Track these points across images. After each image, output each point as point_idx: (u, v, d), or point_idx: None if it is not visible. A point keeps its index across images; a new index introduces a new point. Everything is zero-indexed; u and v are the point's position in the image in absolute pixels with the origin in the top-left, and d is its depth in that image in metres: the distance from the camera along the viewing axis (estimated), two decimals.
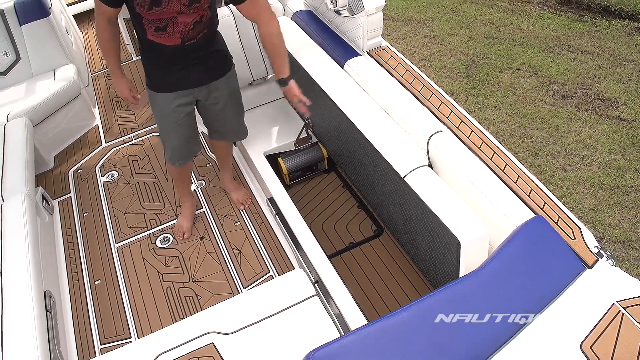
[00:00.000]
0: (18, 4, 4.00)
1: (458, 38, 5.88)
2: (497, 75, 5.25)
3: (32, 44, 4.09)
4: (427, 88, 2.59)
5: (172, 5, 2.23)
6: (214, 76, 2.64)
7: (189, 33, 2.37)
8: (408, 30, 6.05)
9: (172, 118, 2.70)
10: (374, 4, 2.62)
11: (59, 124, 4.01)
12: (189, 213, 3.22)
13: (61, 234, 3.38)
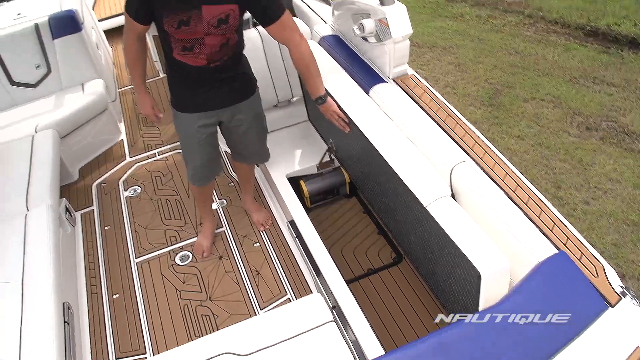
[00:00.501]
0: (52, 18, 4.10)
1: (483, 66, 5.89)
2: (521, 105, 5.23)
3: (63, 58, 4.18)
4: (452, 118, 2.59)
5: (200, 26, 2.26)
6: (238, 98, 2.66)
7: (215, 55, 2.40)
8: (433, 57, 6.07)
9: (195, 138, 2.72)
10: (401, 32, 2.63)
11: (85, 137, 4.07)
12: (209, 232, 3.24)
13: (82, 246, 3.41)
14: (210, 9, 2.23)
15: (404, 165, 2.36)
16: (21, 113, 4.07)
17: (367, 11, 2.73)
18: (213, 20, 2.25)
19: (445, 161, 2.35)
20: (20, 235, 2.86)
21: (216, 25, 2.28)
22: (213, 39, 2.33)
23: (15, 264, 2.70)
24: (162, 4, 2.22)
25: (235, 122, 2.74)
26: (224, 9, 2.25)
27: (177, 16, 2.22)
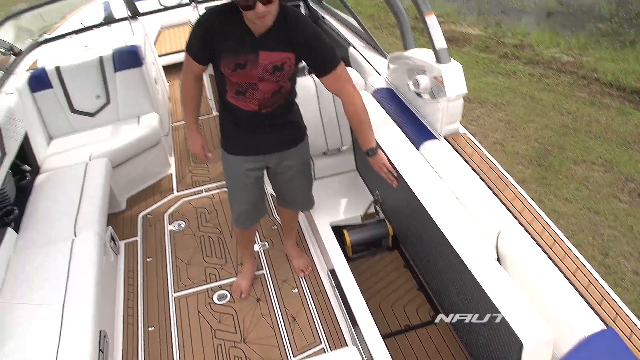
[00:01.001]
0: (117, 52, 4.27)
1: (533, 125, 5.83)
2: (570, 167, 5.14)
3: (122, 90, 4.33)
4: (502, 180, 2.56)
5: (256, 71, 2.30)
6: (286, 145, 2.69)
7: (267, 101, 2.43)
8: (483, 112, 6.05)
9: (241, 181, 2.76)
10: (456, 91, 2.64)
11: (136, 168, 4.17)
12: (249, 274, 3.25)
13: (123, 275, 3.46)
14: (267, 55, 2.28)
15: (451, 224, 2.34)
16: (78, 140, 4.21)
17: (422, 67, 2.75)
18: (268, 66, 2.30)
19: (492, 224, 2.31)
20: (66, 260, 2.93)
21: (271, 72, 2.32)
22: (266, 85, 2.37)
23: (58, 288, 2.75)
24: (221, 46, 2.28)
25: (282, 168, 2.77)
26: (280, 56, 2.30)
27: (234, 59, 2.28)
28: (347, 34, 4.08)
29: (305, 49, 2.32)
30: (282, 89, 2.43)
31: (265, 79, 2.34)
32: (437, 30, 2.64)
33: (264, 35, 2.26)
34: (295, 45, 2.29)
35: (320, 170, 3.54)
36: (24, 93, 4.04)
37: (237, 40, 2.26)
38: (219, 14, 2.31)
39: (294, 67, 2.38)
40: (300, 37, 2.29)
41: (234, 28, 2.25)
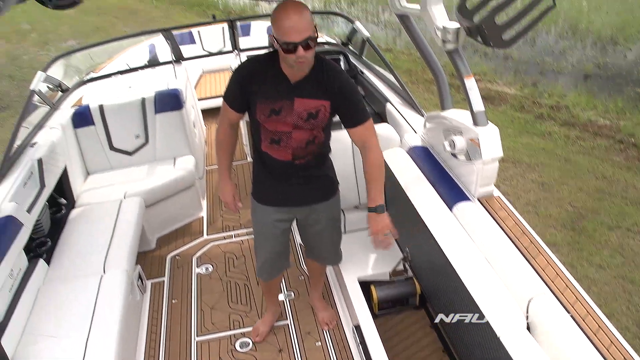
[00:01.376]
0: (159, 94, 4.39)
1: (567, 188, 5.76)
2: (605, 232, 5.03)
3: (161, 132, 4.42)
4: (535, 246, 2.53)
5: (290, 117, 2.34)
6: (318, 199, 2.69)
7: (300, 151, 2.45)
8: (517, 173, 6.01)
9: (269, 232, 2.77)
10: (491, 154, 2.64)
11: (169, 209, 4.23)
12: (270, 320, 3.24)
13: (147, 315, 3.47)
14: (303, 102, 2.32)
15: (481, 288, 2.30)
16: (114, 177, 4.30)
17: (459, 129, 2.77)
18: (303, 113, 2.33)
19: (523, 290, 2.27)
20: (93, 295, 2.96)
21: (305, 119, 2.35)
22: (300, 134, 2.39)
23: (83, 323, 2.78)
24: (257, 92, 2.33)
25: (311, 221, 2.77)
26: (316, 104, 2.34)
27: (270, 104, 2.32)
28: (385, 90, 4.13)
29: (340, 98, 2.36)
30: (316, 139, 2.45)
31: (299, 126, 2.37)
32: (476, 92, 2.66)
33: (300, 82, 2.31)
34: (331, 93, 2.34)
35: (351, 224, 3.53)
36: (67, 128, 4.16)
37: (273, 87, 2.31)
38: (256, 62, 2.38)
39: (329, 116, 2.40)
40: (336, 87, 2.34)
41: (271, 75, 2.31)
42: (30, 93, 3.99)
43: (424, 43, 3.12)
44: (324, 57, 2.38)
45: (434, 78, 3.18)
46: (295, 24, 2.08)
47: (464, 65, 2.68)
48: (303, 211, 2.72)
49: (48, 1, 2.05)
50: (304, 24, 2.09)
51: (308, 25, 2.11)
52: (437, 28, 2.64)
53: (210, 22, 5.93)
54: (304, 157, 2.48)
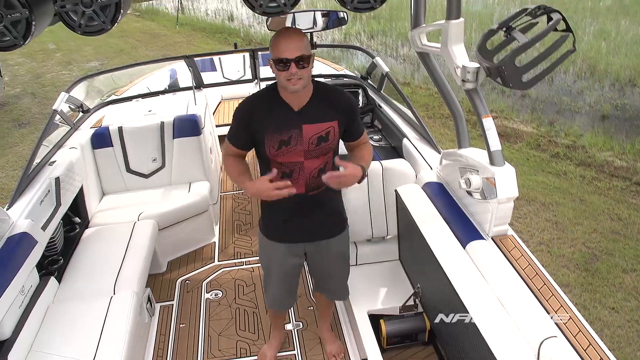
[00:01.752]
0: (178, 119, 4.44)
1: (581, 228, 5.71)
2: (619, 275, 4.97)
3: (178, 156, 4.47)
4: (548, 288, 2.51)
5: (301, 145, 2.35)
6: (328, 234, 2.70)
7: (314, 181, 2.45)
8: (530, 211, 5.98)
9: (279, 268, 2.78)
10: (507, 194, 2.63)
11: (181, 233, 4.25)
12: (276, 344, 3.25)
13: (154, 338, 3.47)
14: (311, 128, 2.34)
15: (492, 329, 2.28)
16: (129, 199, 4.34)
17: (475, 167, 2.77)
18: (314, 138, 2.35)
19: (535, 333, 2.25)
20: (102, 316, 2.97)
21: (316, 144, 2.36)
22: (312, 163, 2.41)
23: (90, 343, 2.79)
24: (264, 127, 2.34)
25: (321, 256, 2.78)
26: (324, 126, 2.36)
27: (278, 136, 2.33)
28: (402, 125, 4.16)
29: (347, 116, 2.42)
30: (327, 165, 2.46)
31: (311, 153, 2.38)
32: (494, 132, 2.67)
33: (304, 108, 2.34)
34: (339, 112, 2.39)
35: (363, 257, 3.53)
36: (85, 148, 4.22)
37: (278, 118, 2.33)
38: (256, 97, 2.42)
39: (338, 136, 2.44)
40: (344, 105, 2.40)
41: (274, 107, 2.33)
42: (52, 112, 4.06)
43: (443, 80, 3.15)
44: (318, 81, 2.43)
45: (452, 116, 3.20)
46: (289, 41, 2.15)
47: (482, 105, 2.70)
48: (312, 246, 2.72)
49: (77, 27, 2.09)
50: (299, 43, 2.16)
51: (303, 45, 2.17)
52: (456, 67, 2.67)
53: (232, 50, 6.03)
54: (317, 187, 2.48)
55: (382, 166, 3.36)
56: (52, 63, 14.16)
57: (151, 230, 3.81)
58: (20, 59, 14.39)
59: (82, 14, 2.06)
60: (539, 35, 2.25)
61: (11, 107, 10.64)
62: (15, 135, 9.13)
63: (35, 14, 2.00)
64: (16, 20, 1.99)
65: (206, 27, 17.71)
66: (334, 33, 15.57)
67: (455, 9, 2.58)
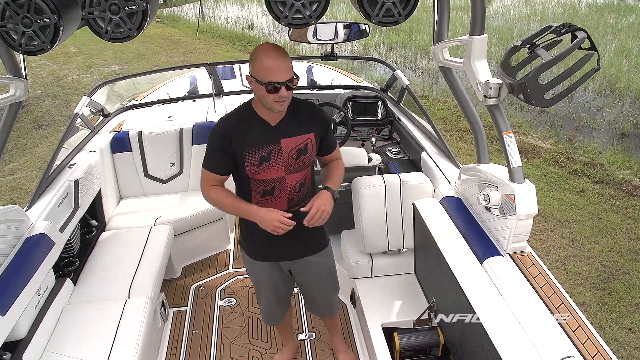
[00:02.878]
0: (197, 126, 4.47)
1: (598, 247, 5.65)
2: (636, 295, 4.90)
3: (196, 163, 4.49)
4: (566, 306, 2.48)
5: (282, 159, 2.36)
6: (309, 251, 2.71)
7: (295, 196, 2.47)
8: (547, 228, 5.93)
9: (265, 284, 2.81)
10: (526, 211, 2.62)
11: (196, 239, 4.27)
12: (288, 354, 3.27)
13: (167, 343, 3.48)
14: (290, 141, 2.37)
15: (509, 347, 2.26)
16: (146, 204, 4.37)
17: (494, 183, 2.76)
18: (293, 151, 2.37)
19: (552, 352, 2.22)
20: (116, 320, 2.99)
21: (296, 157, 2.39)
22: (293, 178, 2.43)
23: (104, 346, 2.81)
24: (242, 145, 2.33)
25: (306, 273, 2.79)
26: (302, 139, 2.40)
27: (257, 152, 2.33)
28: (421, 138, 4.15)
29: (322, 128, 2.47)
30: (306, 179, 2.50)
31: (292, 167, 2.40)
32: (514, 148, 2.66)
33: (281, 123, 2.37)
34: (316, 124, 2.44)
35: (378, 269, 3.52)
36: (105, 152, 4.26)
37: (257, 135, 2.34)
38: (230, 118, 2.41)
39: (316, 148, 2.47)
40: (318, 119, 2.46)
41: (251, 124, 2.35)
42: (73, 115, 4.10)
43: (464, 95, 3.14)
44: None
45: (472, 130, 3.19)
46: (280, 64, 2.16)
47: (504, 121, 2.69)
48: (296, 264, 2.74)
49: (104, 34, 2.12)
50: (287, 65, 2.19)
51: (290, 67, 2.20)
52: (479, 82, 2.66)
53: None
54: (298, 203, 2.49)
55: (401, 179, 3.35)
56: (74, 66, 14.32)
57: (167, 236, 3.83)
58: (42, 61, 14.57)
59: (109, 21, 2.09)
60: (564, 52, 2.24)
61: (32, 108, 10.76)
62: (35, 136, 9.23)
63: (63, 20, 2.03)
64: (44, 25, 2.03)
65: (226, 35, 17.81)
66: (353, 44, 15.60)
67: (479, 25, 2.58)
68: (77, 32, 2.50)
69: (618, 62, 12.21)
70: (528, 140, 8.60)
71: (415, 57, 14.44)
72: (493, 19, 17.42)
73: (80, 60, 15.00)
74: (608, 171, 7.47)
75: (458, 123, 9.27)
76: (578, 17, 16.95)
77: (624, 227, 6.06)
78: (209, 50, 15.93)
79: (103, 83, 4.80)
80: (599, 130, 9.14)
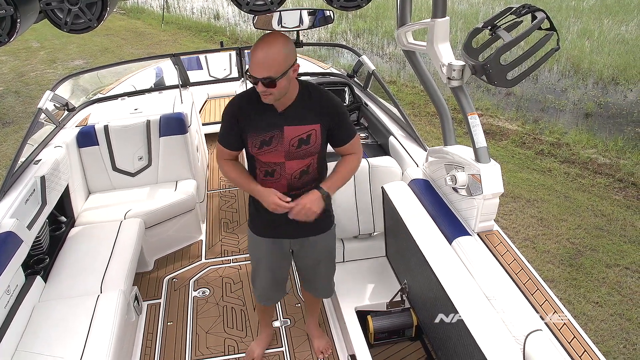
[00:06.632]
0: (164, 118, 4.43)
1: (566, 224, 5.77)
2: (603, 270, 5.03)
3: (164, 155, 4.46)
4: (533, 282, 2.54)
5: (282, 146, 2.36)
6: (313, 232, 2.71)
7: (295, 182, 2.47)
8: (515, 208, 6.03)
9: (266, 262, 2.80)
10: (492, 190, 2.66)
11: (168, 231, 4.24)
12: (265, 341, 3.27)
13: (142, 336, 3.46)
14: (292, 129, 2.35)
15: (478, 323, 2.30)
16: (116, 197, 4.32)
17: (461, 164, 2.80)
18: (294, 140, 2.36)
19: (520, 326, 2.27)
20: (89, 315, 2.96)
21: (297, 146, 2.38)
22: (294, 164, 2.42)
23: (77, 343, 2.78)
24: (247, 125, 2.37)
25: (307, 253, 2.80)
26: (306, 129, 2.37)
27: (259, 136, 2.35)
28: (389, 123, 4.18)
29: (330, 120, 2.41)
30: (310, 168, 2.47)
31: (292, 154, 2.39)
32: (479, 129, 2.70)
33: (287, 109, 2.35)
34: (323, 116, 2.38)
35: (350, 254, 3.55)
36: (71, 147, 4.19)
37: (260, 118, 2.35)
38: (242, 97, 2.43)
39: (321, 140, 2.43)
40: (328, 109, 2.39)
41: (257, 107, 2.34)
42: (37, 111, 4.03)
43: (428, 78, 3.17)
44: (308, 82, 2.43)
45: (437, 113, 3.23)
46: (258, 60, 2.15)
47: (468, 103, 2.73)
48: (299, 243, 2.75)
49: (63, 25, 2.08)
50: (268, 62, 2.14)
51: (271, 65, 2.15)
52: (442, 65, 2.69)
53: (219, 49, 6.02)
54: (299, 189, 2.49)
55: (369, 164, 3.37)
56: (36, 61, 14.01)
57: (138, 229, 3.80)
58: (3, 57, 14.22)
59: (68, 12, 2.05)
60: (524, 33, 2.28)
61: None
62: None
63: (20, 12, 1.98)
64: (0, 18, 1.98)
65: (192, 26, 17.60)
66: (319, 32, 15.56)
67: (441, 8, 2.60)
68: (37, 26, 2.45)
69: (581, 44, 12.43)
70: (495, 123, 8.71)
71: (382, 43, 14.48)
72: (458, 3, 17.53)
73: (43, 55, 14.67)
74: (574, 150, 7.62)
75: (426, 107, 9.34)
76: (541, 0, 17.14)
77: (589, 205, 6.20)
78: (175, 41, 15.72)
79: (67, 77, 4.72)
80: (564, 110, 9.32)
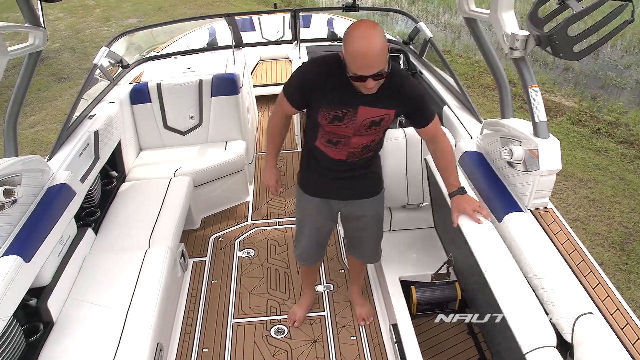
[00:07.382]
0: (216, 78, 4.44)
1: (619, 207, 5.58)
2: None
3: (215, 115, 4.48)
4: (586, 263, 2.46)
5: (353, 124, 2.32)
6: (363, 195, 2.70)
7: (356, 153, 2.46)
8: (567, 187, 5.87)
9: (311, 221, 2.80)
10: (550, 167, 2.58)
11: (216, 191, 4.29)
12: (307, 304, 3.30)
13: (187, 292, 3.54)
14: (367, 111, 2.29)
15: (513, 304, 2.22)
16: (166, 155, 4.39)
17: (518, 138, 2.71)
18: (367, 121, 2.31)
19: (571, 308, 2.21)
20: (137, 268, 3.03)
21: (368, 126, 2.33)
22: (359, 140, 2.39)
23: (125, 294, 2.86)
24: (321, 98, 2.29)
25: (355, 216, 2.78)
26: (380, 112, 2.30)
27: (333, 111, 2.29)
28: (443, 92, 4.08)
29: (410, 106, 2.34)
30: (372, 142, 2.45)
31: (361, 133, 2.36)
32: (540, 103, 2.60)
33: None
34: (400, 103, 2.31)
35: (398, 223, 3.52)
36: (124, 103, 4.26)
37: (338, 94, 2.26)
38: (322, 66, 2.30)
39: (392, 121, 2.39)
40: (406, 97, 2.30)
41: (336, 81, 2.23)
42: (92, 67, 4.09)
43: (489, 48, 3.07)
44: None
45: (497, 85, 3.13)
46: (367, 59, 2.01)
47: (530, 75, 2.63)
48: (347, 205, 2.74)
49: None
50: (378, 59, 2.02)
51: (381, 59, 2.03)
52: (505, 35, 2.59)
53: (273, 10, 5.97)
54: (357, 157, 2.49)
55: None
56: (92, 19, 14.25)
57: (186, 187, 3.85)
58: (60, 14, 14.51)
59: None
60: (596, 3, 2.16)
61: (51, 61, 10.77)
62: (54, 89, 9.26)
63: None
64: None
65: None
66: None
67: None
68: None
69: None
70: (551, 98, 8.44)
71: (438, 11, 14.13)
72: None
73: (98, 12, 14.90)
74: (633, 131, 7.32)
75: (480, 79, 9.11)
76: None
77: None
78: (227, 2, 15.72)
79: (122, 34, 4.76)
80: (625, 89, 8.93)
